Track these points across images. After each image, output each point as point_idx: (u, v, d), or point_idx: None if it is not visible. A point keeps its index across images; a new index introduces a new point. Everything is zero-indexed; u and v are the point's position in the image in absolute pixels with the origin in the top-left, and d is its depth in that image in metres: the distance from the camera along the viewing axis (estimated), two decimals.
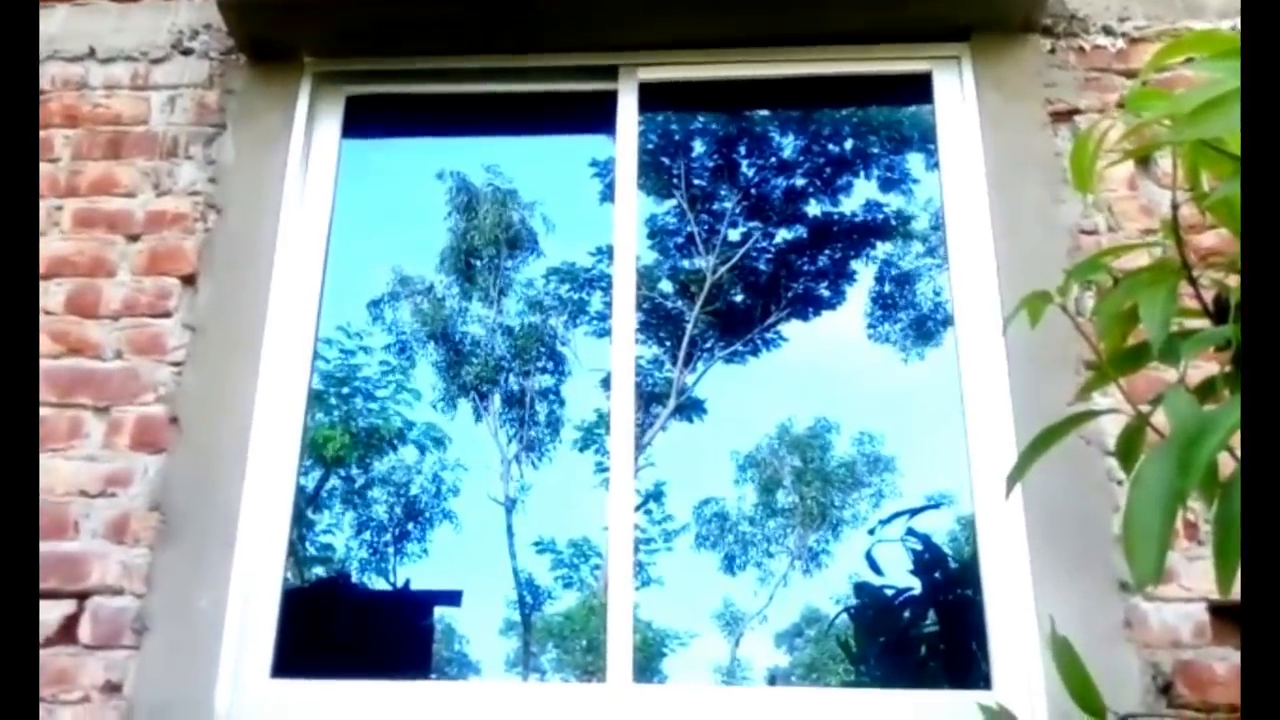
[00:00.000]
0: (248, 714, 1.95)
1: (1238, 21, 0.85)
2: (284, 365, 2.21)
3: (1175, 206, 1.00)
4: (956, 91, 2.33)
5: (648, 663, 3.38)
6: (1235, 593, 1.77)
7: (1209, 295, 1.00)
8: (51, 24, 2.50)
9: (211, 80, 2.44)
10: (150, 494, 2.05)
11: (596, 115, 2.50)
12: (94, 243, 2.26)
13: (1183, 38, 1.00)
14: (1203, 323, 1.00)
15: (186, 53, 2.47)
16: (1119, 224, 2.13)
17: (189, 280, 2.23)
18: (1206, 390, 0.96)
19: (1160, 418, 0.94)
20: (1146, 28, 2.32)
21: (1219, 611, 1.84)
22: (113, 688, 1.93)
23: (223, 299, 2.21)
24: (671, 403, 4.48)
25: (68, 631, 1.96)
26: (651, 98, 2.50)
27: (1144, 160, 2.14)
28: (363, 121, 2.52)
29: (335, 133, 2.45)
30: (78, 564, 2.00)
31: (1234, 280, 0.94)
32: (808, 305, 4.40)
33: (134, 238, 2.27)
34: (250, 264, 2.24)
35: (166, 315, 2.19)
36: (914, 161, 3.98)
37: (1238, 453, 0.79)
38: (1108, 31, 2.32)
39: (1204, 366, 1.29)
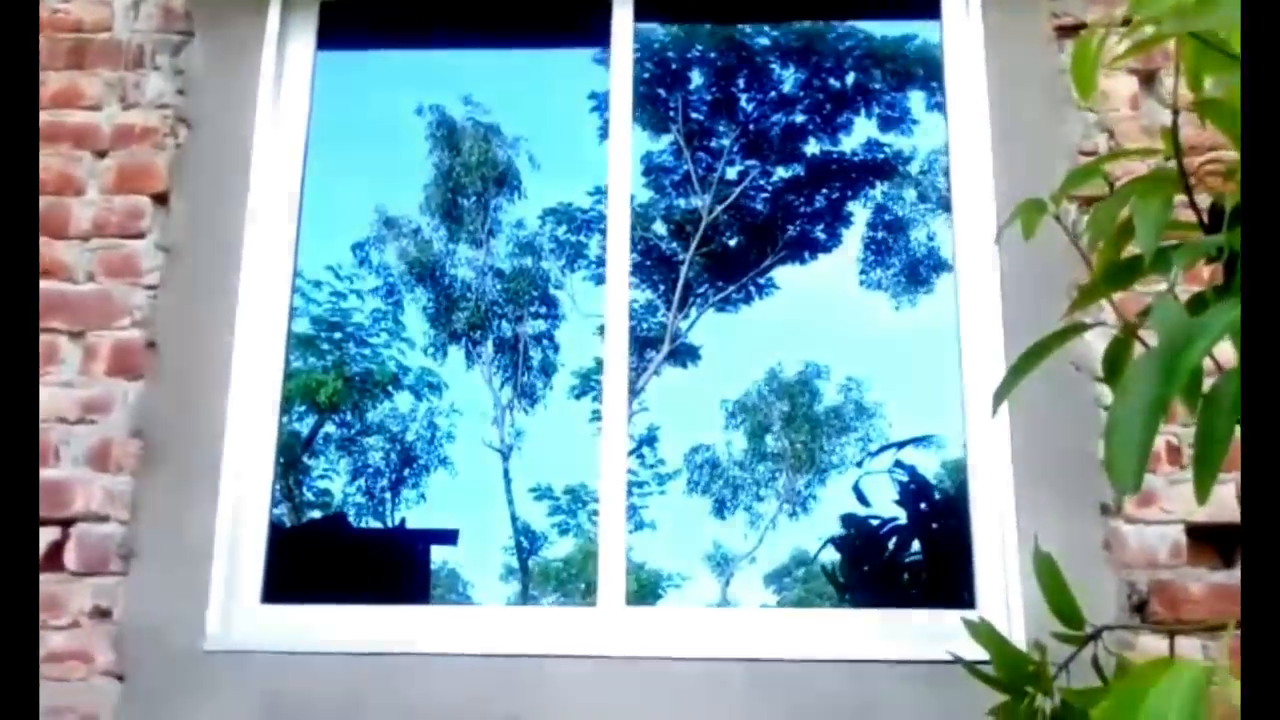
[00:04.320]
0: (240, 637, 1.93)
1: None
2: (264, 286, 2.14)
3: (1175, 112, 0.97)
4: (962, 7, 2.27)
5: (641, 602, 3.40)
6: (1212, 511, 1.78)
7: (1205, 207, 0.97)
8: None
9: None
10: (130, 421, 2.01)
11: (589, 26, 2.39)
12: (59, 159, 2.16)
13: None
14: (1199, 237, 0.96)
15: None
16: (1120, 144, 2.11)
17: (161, 199, 2.14)
18: (1197, 305, 0.92)
19: (1147, 332, 0.92)
20: None
21: (1195, 533, 1.89)
22: (102, 613, 1.91)
23: (197, 218, 2.13)
24: (665, 347, 4.43)
25: (54, 558, 1.94)
26: (648, 6, 2.38)
27: (1149, 79, 2.11)
28: (339, 32, 2.38)
29: (310, 43, 2.33)
30: (61, 491, 1.96)
31: (1231, 187, 0.90)
32: (803, 249, 4.33)
33: (101, 154, 2.17)
34: (225, 181, 2.15)
35: (139, 236, 2.11)
36: (915, 100, 3.89)
37: (1223, 362, 0.75)
38: None
39: (1193, 286, 1.28)
